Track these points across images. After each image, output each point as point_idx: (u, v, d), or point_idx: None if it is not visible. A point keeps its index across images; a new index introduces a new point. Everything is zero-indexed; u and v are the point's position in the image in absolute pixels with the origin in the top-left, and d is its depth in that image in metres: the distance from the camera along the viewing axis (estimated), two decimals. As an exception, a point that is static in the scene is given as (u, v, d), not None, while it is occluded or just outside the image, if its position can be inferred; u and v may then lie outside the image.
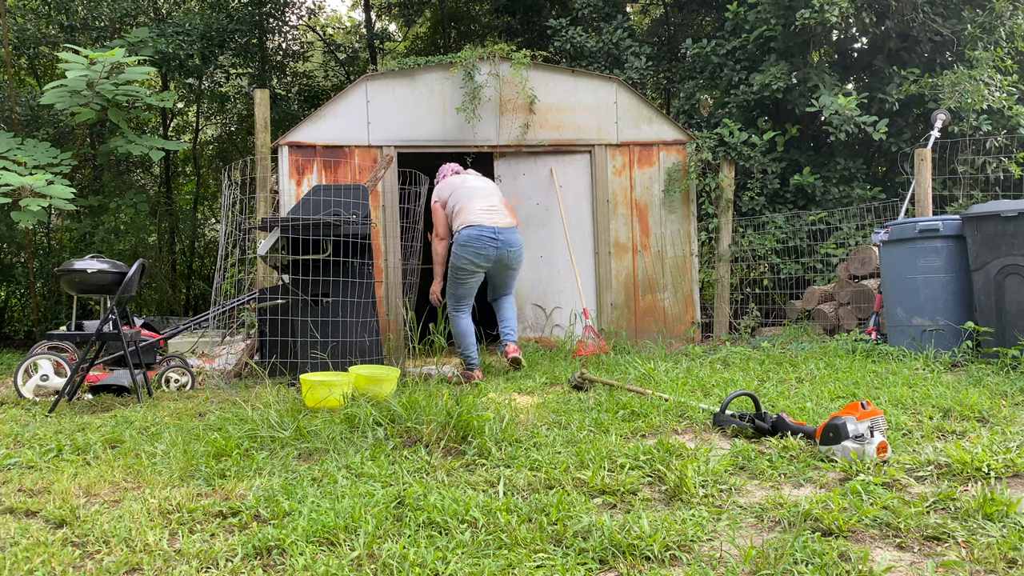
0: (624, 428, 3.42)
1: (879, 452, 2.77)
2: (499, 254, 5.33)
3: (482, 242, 5.28)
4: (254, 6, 12.29)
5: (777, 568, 1.90)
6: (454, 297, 5.43)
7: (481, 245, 5.27)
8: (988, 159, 7.30)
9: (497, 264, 5.37)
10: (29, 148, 7.88)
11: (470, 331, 5.40)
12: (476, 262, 5.29)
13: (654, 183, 7.65)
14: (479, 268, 5.33)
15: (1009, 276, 4.88)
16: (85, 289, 4.80)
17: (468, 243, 5.27)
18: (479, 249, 5.27)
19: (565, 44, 9.31)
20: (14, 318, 11.26)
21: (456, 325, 5.41)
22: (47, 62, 11.56)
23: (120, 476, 2.88)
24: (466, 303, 5.44)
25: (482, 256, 5.29)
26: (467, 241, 5.28)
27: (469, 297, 5.43)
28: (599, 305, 7.49)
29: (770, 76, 7.62)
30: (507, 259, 5.38)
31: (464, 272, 5.32)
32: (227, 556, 2.08)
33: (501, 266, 5.40)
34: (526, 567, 1.96)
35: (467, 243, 5.27)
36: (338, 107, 7.07)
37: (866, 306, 6.48)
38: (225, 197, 6.18)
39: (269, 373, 5.28)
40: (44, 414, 4.35)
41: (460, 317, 5.42)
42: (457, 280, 5.37)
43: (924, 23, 7.78)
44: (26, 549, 2.14)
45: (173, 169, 13.95)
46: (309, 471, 2.84)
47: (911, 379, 4.39)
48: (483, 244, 5.28)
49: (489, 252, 5.29)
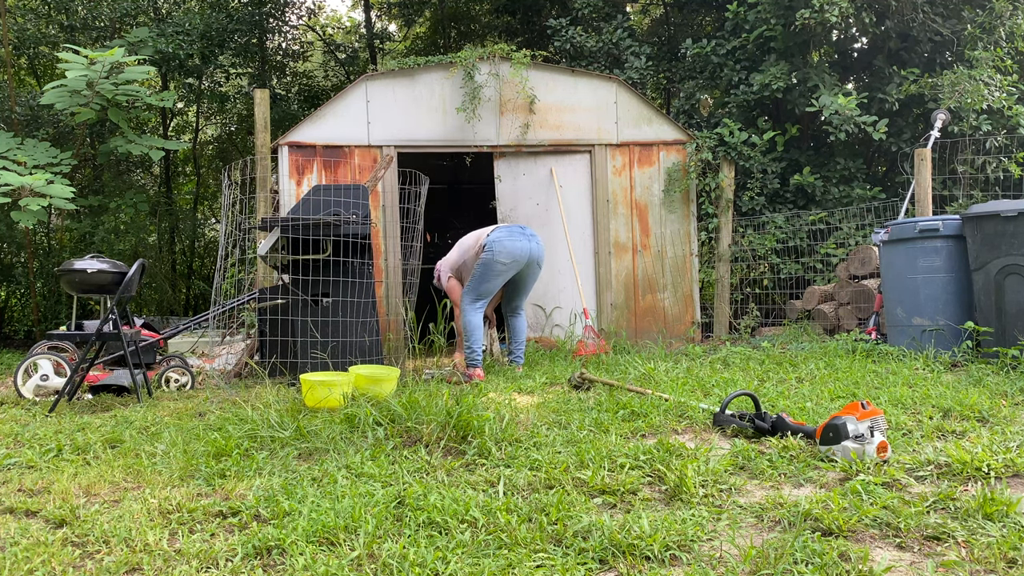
0: (624, 428, 3.42)
1: (879, 452, 2.77)
2: (531, 248, 5.42)
3: (514, 238, 5.37)
4: (254, 6, 12.29)
5: (777, 568, 1.90)
6: (476, 292, 5.43)
7: (515, 240, 5.36)
8: (988, 159, 7.30)
9: (529, 260, 5.44)
10: (29, 148, 7.88)
11: (481, 327, 5.43)
12: (514, 256, 5.34)
13: (654, 183, 7.65)
14: (512, 266, 5.37)
15: (1009, 276, 4.88)
16: (85, 289, 4.80)
17: (502, 239, 5.35)
18: (516, 243, 5.34)
19: (565, 44, 9.31)
20: (14, 318, 11.26)
21: (468, 320, 5.41)
22: (47, 62, 11.56)
23: (120, 476, 2.88)
24: (483, 303, 5.46)
25: (517, 251, 5.35)
26: (501, 238, 5.36)
27: (489, 296, 5.47)
28: (599, 305, 7.49)
29: (770, 76, 7.62)
30: (538, 255, 5.49)
31: (497, 268, 5.34)
32: (227, 556, 2.08)
33: (532, 263, 5.48)
34: (526, 567, 1.96)
35: (501, 239, 5.35)
36: (338, 107, 7.07)
37: (866, 306, 6.48)
38: (225, 197, 6.18)
39: (269, 373, 5.28)
40: (44, 414, 4.35)
41: (474, 312, 5.43)
42: (486, 276, 5.37)
43: (924, 23, 7.78)
44: (26, 549, 2.14)
45: (173, 169, 13.95)
46: (309, 471, 2.84)
47: (911, 379, 4.39)
48: (515, 238, 5.37)
49: (523, 245, 5.36)
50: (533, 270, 5.56)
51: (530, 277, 5.60)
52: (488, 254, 5.35)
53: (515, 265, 5.39)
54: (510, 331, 5.75)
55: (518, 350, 5.69)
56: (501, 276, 5.39)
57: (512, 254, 5.34)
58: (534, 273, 5.59)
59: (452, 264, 5.79)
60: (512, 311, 5.76)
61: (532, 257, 5.44)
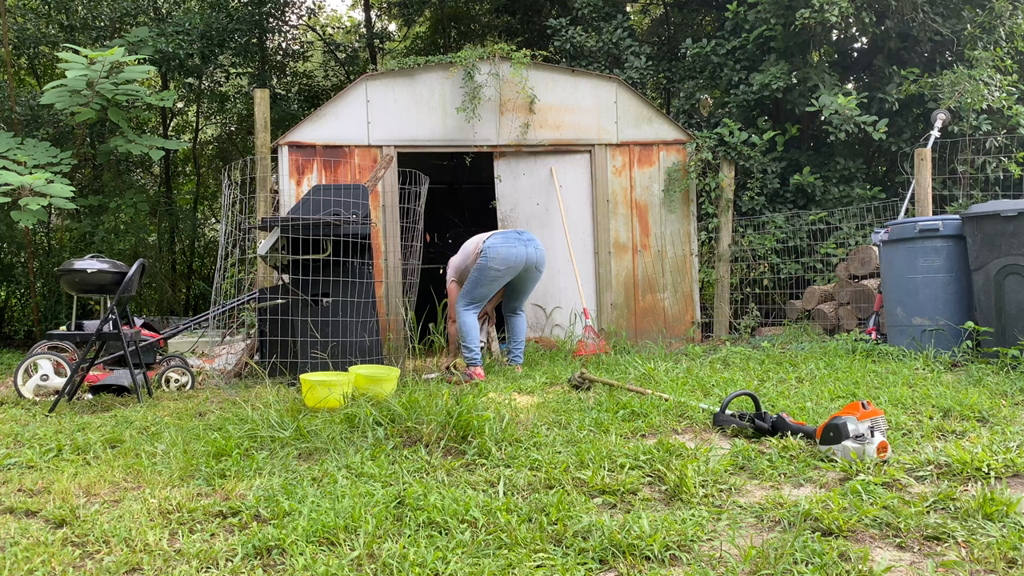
0: (624, 428, 3.42)
1: (879, 452, 2.77)
2: (528, 253, 5.41)
3: (510, 244, 5.37)
4: (254, 6, 12.28)
5: (777, 568, 1.90)
6: (470, 296, 5.45)
7: (510, 246, 5.35)
8: (988, 159, 7.30)
9: (527, 266, 5.44)
10: (29, 148, 7.88)
11: (476, 327, 5.42)
12: (509, 263, 5.34)
13: (654, 183, 7.65)
14: (507, 272, 5.37)
15: (1009, 276, 4.88)
16: (85, 289, 4.80)
17: (498, 246, 5.35)
18: (511, 249, 5.35)
19: (565, 44, 9.31)
20: (14, 318, 11.25)
21: (463, 322, 5.42)
22: (47, 62, 11.55)
23: (120, 476, 2.88)
24: (478, 305, 5.48)
25: (512, 257, 5.35)
26: (496, 244, 5.36)
27: (483, 301, 5.49)
28: (599, 305, 7.49)
29: (770, 76, 7.62)
30: (536, 260, 5.48)
31: (491, 275, 5.35)
32: (227, 556, 2.08)
33: (529, 268, 5.48)
34: (526, 567, 1.96)
35: (496, 246, 5.35)
36: (338, 107, 7.07)
37: (866, 306, 6.48)
38: (225, 197, 6.18)
39: (269, 373, 5.28)
40: (44, 414, 4.35)
41: (469, 313, 5.43)
42: (480, 282, 5.39)
43: (924, 23, 7.78)
44: (26, 549, 2.14)
45: (173, 169, 13.94)
46: (309, 471, 2.84)
47: (911, 379, 4.39)
48: (511, 244, 5.37)
49: (519, 252, 5.36)
50: (532, 274, 5.56)
51: (529, 281, 5.61)
52: (483, 260, 5.36)
53: (510, 271, 5.39)
54: (509, 331, 5.75)
55: (517, 350, 5.69)
56: (496, 282, 5.41)
57: (507, 260, 5.34)
58: (533, 277, 5.60)
59: (456, 267, 5.82)
60: (511, 311, 5.77)
61: (529, 262, 5.44)
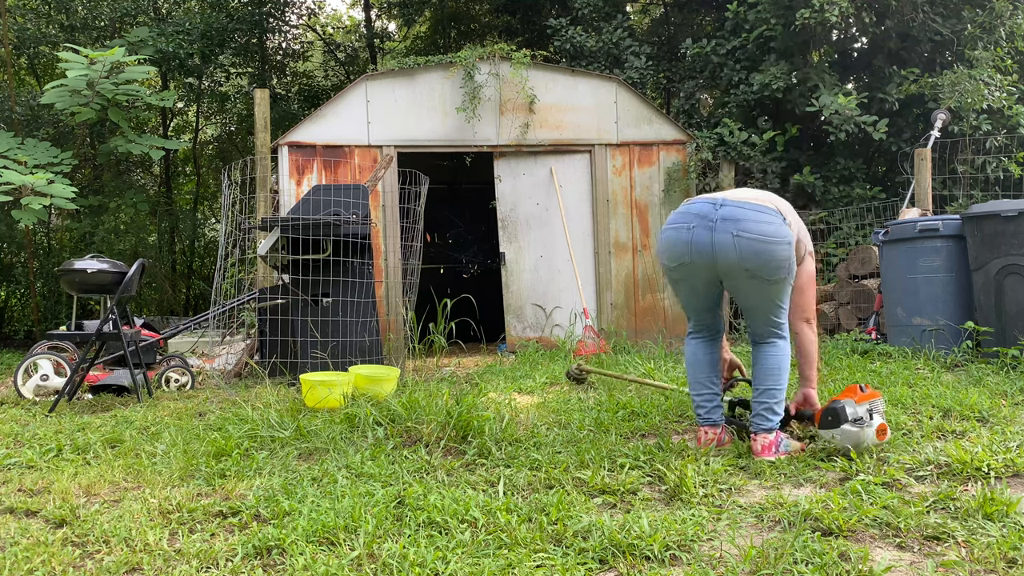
0: (624, 428, 3.42)
1: (879, 435, 2.76)
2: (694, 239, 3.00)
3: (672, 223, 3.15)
4: (254, 6, 12.28)
5: (777, 568, 1.90)
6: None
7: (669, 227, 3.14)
8: (988, 159, 7.30)
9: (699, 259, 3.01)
10: (29, 147, 7.88)
11: (693, 364, 3.30)
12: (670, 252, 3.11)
13: (654, 183, 7.65)
14: (678, 270, 3.11)
15: (1009, 276, 4.88)
16: (85, 289, 4.80)
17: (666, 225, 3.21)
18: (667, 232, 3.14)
19: (565, 44, 9.30)
20: (14, 318, 11.26)
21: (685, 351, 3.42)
22: (47, 62, 11.55)
23: (120, 476, 2.88)
24: (692, 324, 3.34)
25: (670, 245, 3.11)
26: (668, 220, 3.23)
27: (689, 311, 3.31)
28: (599, 305, 7.49)
29: (770, 76, 7.61)
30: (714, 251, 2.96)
31: (667, 275, 3.26)
32: (227, 556, 2.08)
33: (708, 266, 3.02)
34: (526, 567, 1.96)
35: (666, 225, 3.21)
36: (338, 107, 7.07)
37: (866, 306, 6.48)
38: (225, 197, 6.17)
39: (269, 373, 5.28)
40: (44, 414, 4.35)
41: (685, 341, 3.42)
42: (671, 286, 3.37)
43: (924, 23, 7.78)
44: (26, 549, 2.14)
45: (173, 169, 13.94)
46: (309, 471, 2.84)
47: (911, 379, 4.39)
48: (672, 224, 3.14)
49: (677, 238, 3.06)
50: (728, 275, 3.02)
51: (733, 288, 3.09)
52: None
53: (680, 270, 3.11)
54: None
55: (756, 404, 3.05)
56: (676, 285, 3.25)
57: (666, 250, 3.15)
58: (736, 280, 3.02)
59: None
60: (749, 337, 3.30)
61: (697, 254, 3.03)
